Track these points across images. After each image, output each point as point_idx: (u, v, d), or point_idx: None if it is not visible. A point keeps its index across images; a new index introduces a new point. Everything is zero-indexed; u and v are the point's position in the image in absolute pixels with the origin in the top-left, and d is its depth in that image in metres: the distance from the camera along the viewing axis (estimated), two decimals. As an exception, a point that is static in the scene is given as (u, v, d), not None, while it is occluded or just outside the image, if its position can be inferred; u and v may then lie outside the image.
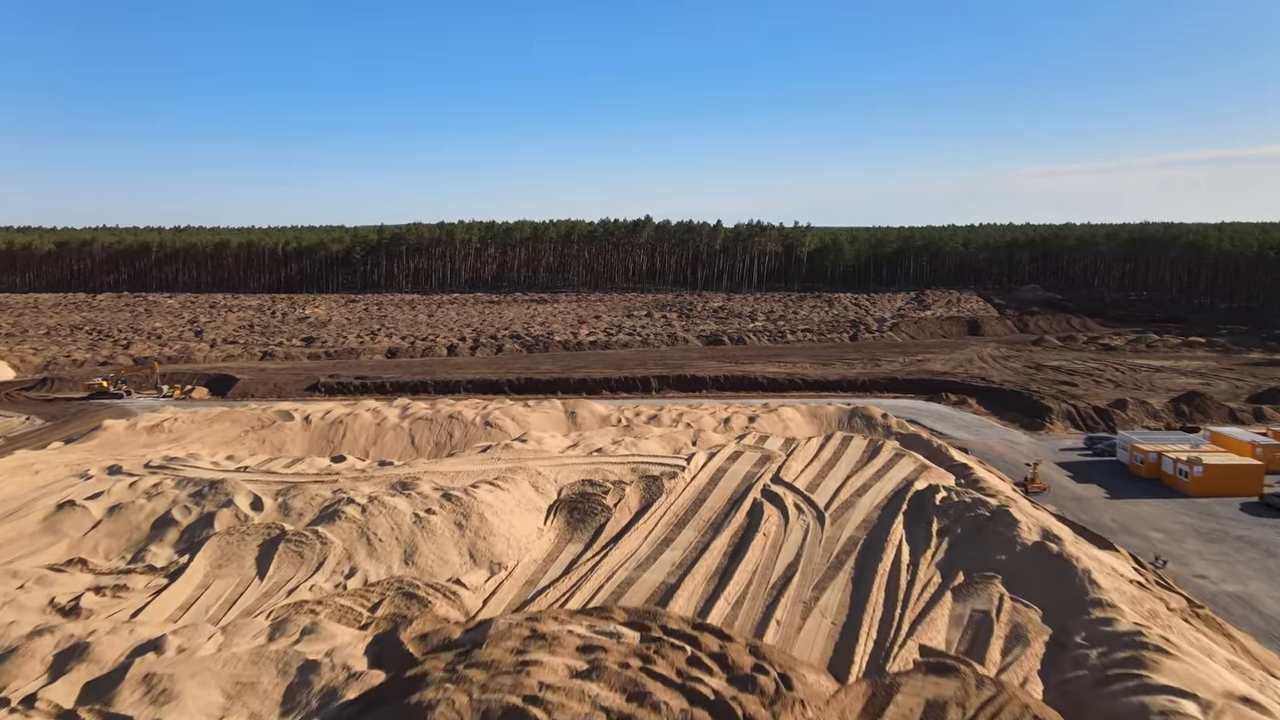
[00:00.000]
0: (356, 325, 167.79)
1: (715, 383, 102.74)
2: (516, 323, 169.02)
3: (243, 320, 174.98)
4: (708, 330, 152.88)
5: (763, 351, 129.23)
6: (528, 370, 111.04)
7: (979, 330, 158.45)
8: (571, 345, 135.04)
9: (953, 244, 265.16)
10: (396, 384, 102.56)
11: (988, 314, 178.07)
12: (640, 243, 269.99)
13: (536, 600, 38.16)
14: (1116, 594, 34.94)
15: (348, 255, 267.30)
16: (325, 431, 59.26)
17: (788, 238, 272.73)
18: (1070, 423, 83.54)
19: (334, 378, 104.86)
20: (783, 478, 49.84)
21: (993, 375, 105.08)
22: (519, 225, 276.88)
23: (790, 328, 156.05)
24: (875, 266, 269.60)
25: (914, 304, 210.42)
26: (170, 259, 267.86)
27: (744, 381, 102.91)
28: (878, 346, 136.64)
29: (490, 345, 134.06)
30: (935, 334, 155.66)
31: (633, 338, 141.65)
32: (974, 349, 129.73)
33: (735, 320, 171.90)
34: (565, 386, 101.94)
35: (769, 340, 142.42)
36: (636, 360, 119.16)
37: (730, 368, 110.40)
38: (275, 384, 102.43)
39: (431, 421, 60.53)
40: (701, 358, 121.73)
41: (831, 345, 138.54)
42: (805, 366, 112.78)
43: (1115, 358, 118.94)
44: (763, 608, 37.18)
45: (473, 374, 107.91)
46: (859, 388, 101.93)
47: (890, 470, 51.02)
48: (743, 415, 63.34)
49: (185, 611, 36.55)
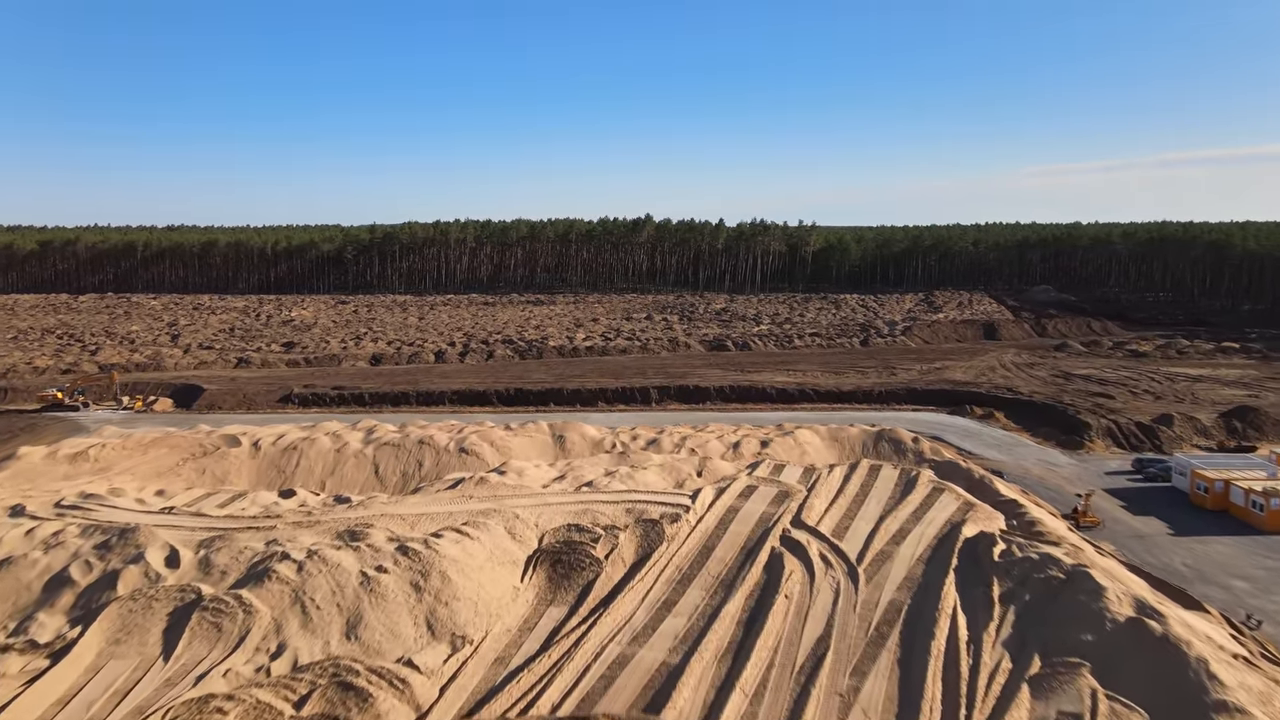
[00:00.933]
0: (343, 329, 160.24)
1: (720, 394, 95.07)
2: (510, 326, 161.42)
3: (224, 323, 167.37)
4: (711, 335, 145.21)
5: (770, 358, 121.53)
6: (519, 379, 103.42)
7: (995, 334, 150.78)
8: (567, 351, 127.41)
9: (961, 244, 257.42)
10: (376, 395, 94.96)
11: (1002, 317, 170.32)
12: (640, 242, 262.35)
13: (506, 689, 30.58)
14: (1242, 691, 27.33)
15: (339, 255, 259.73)
16: (276, 460, 51.55)
17: (792, 237, 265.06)
18: (1112, 440, 75.86)
19: (309, 388, 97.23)
20: (805, 520, 42.20)
21: (1019, 385, 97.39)
22: (515, 224, 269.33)
23: (798, 332, 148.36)
24: (881, 267, 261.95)
25: (924, 306, 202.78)
26: (157, 259, 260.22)
27: (751, 393, 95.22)
28: (891, 352, 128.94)
29: (480, 351, 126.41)
30: (950, 338, 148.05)
31: (632, 343, 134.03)
32: (993, 355, 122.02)
33: (739, 324, 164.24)
34: (558, 398, 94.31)
35: (776, 346, 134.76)
36: (635, 368, 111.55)
37: (736, 377, 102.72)
38: (245, 395, 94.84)
39: (399, 448, 52.87)
40: (705, 365, 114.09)
41: (842, 351, 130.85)
42: (816, 375, 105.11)
43: (1146, 365, 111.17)
44: (788, 702, 29.59)
45: (459, 383, 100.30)
46: (875, 399, 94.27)
47: (930, 510, 43.42)
48: (754, 439, 55.70)
49: (61, 708, 28.97)
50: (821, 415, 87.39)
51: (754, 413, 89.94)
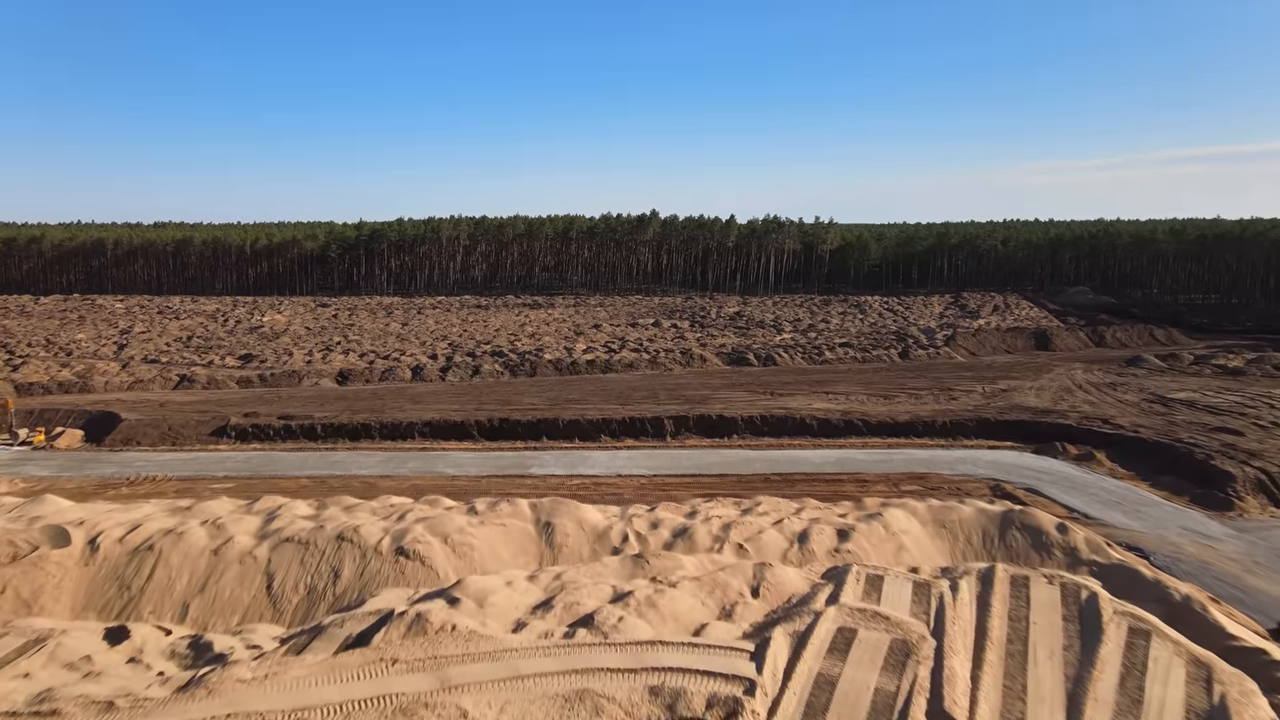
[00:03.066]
0: (315, 337, 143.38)
1: (750, 425, 78.10)
2: (502, 334, 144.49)
3: (185, 330, 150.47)
4: (729, 345, 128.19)
5: (801, 377, 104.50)
6: (506, 404, 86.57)
7: (1048, 344, 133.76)
8: (564, 366, 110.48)
9: (990, 241, 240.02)
10: (331, 426, 78.11)
11: (1051, 324, 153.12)
12: (645, 240, 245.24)
13: None
14: None
15: (324, 254, 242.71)
16: (120, 568, 34.61)
17: (807, 235, 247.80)
18: (1266, 497, 58.85)
19: (250, 417, 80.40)
20: (949, 711, 25.30)
21: (1112, 414, 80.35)
22: (512, 221, 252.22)
23: (826, 342, 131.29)
24: (904, 266, 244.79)
25: (955, 309, 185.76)
26: (129, 258, 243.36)
27: (787, 424, 78.28)
28: (938, 368, 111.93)
29: (465, 366, 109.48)
30: (998, 348, 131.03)
31: (639, 355, 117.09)
32: (1060, 372, 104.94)
33: (759, 331, 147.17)
34: (552, 430, 77.44)
35: (804, 358, 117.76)
36: (645, 389, 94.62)
37: (766, 402, 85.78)
38: (171, 427, 78.02)
39: (307, 548, 35.76)
40: (726, 385, 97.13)
41: (882, 366, 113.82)
42: (861, 399, 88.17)
43: (1254, 387, 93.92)
44: None
45: (434, 409, 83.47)
46: (938, 432, 77.34)
47: (1147, 681, 26.67)
48: (827, 527, 38.71)
49: None
50: (878, 456, 70.49)
51: (793, 450, 73.11)
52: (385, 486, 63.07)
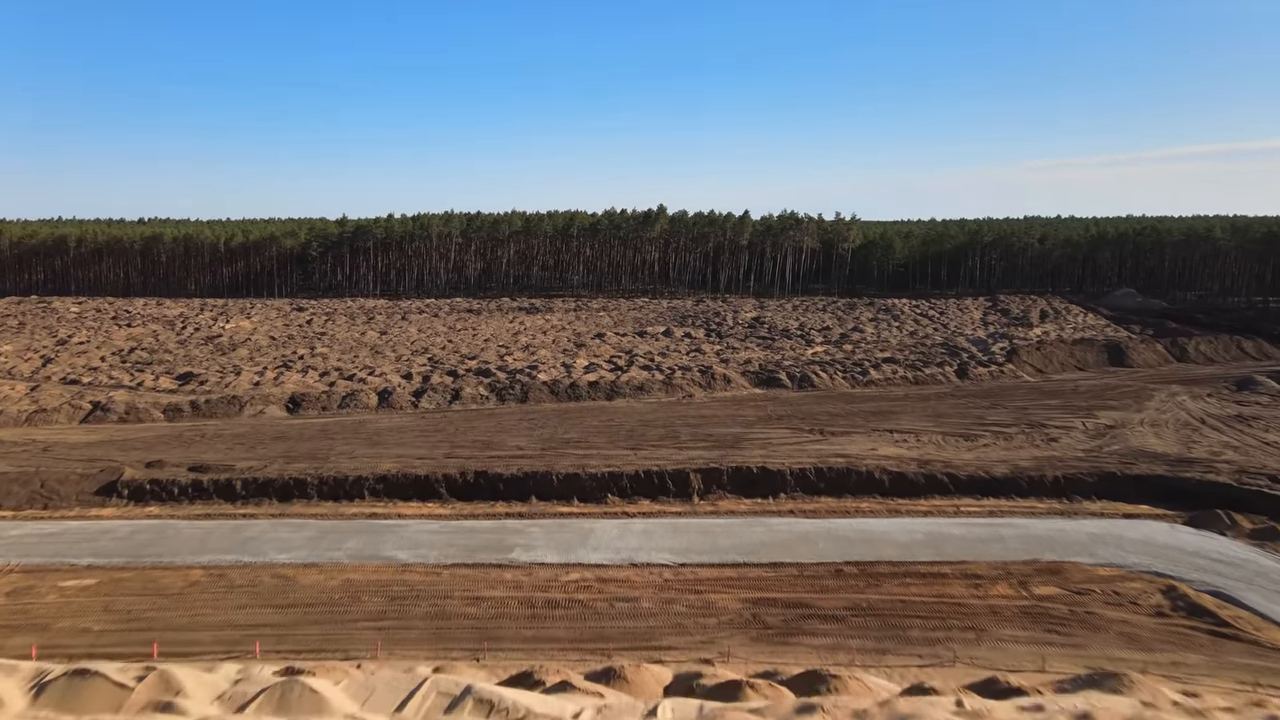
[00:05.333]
0: (279, 347, 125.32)
1: (801, 481, 59.88)
2: (492, 345, 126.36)
3: (131, 340, 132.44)
4: (754, 361, 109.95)
5: (849, 404, 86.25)
6: (487, 446, 68.49)
7: (1123, 359, 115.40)
8: (563, 389, 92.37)
9: (1026, 240, 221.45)
10: (254, 482, 59.96)
11: (1118, 334, 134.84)
12: (651, 237, 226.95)
13: None
14: None
15: (304, 252, 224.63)
16: None
17: (827, 232, 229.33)
18: None
19: (153, 468, 62.26)
20: None
21: (1269, 463, 62.09)
22: (508, 217, 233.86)
23: (867, 357, 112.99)
24: (931, 266, 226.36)
25: (997, 315, 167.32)
26: (95, 256, 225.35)
27: (849, 479, 60.08)
28: (1010, 392, 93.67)
29: (444, 389, 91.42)
30: (1067, 364, 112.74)
31: (651, 374, 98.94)
32: (1163, 399, 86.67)
33: (785, 342, 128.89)
34: (544, 488, 59.27)
35: (846, 379, 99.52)
36: (661, 422, 76.42)
37: (816, 445, 67.58)
38: (46, 482, 59.90)
39: None
40: (760, 417, 78.92)
41: (941, 390, 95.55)
42: (935, 440, 69.95)
43: None
44: None
45: (394, 455, 65.45)
46: (1048, 490, 59.07)
47: None
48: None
49: None
50: (981, 529, 52.20)
51: (863, 519, 54.93)
52: (308, 583, 45.12)
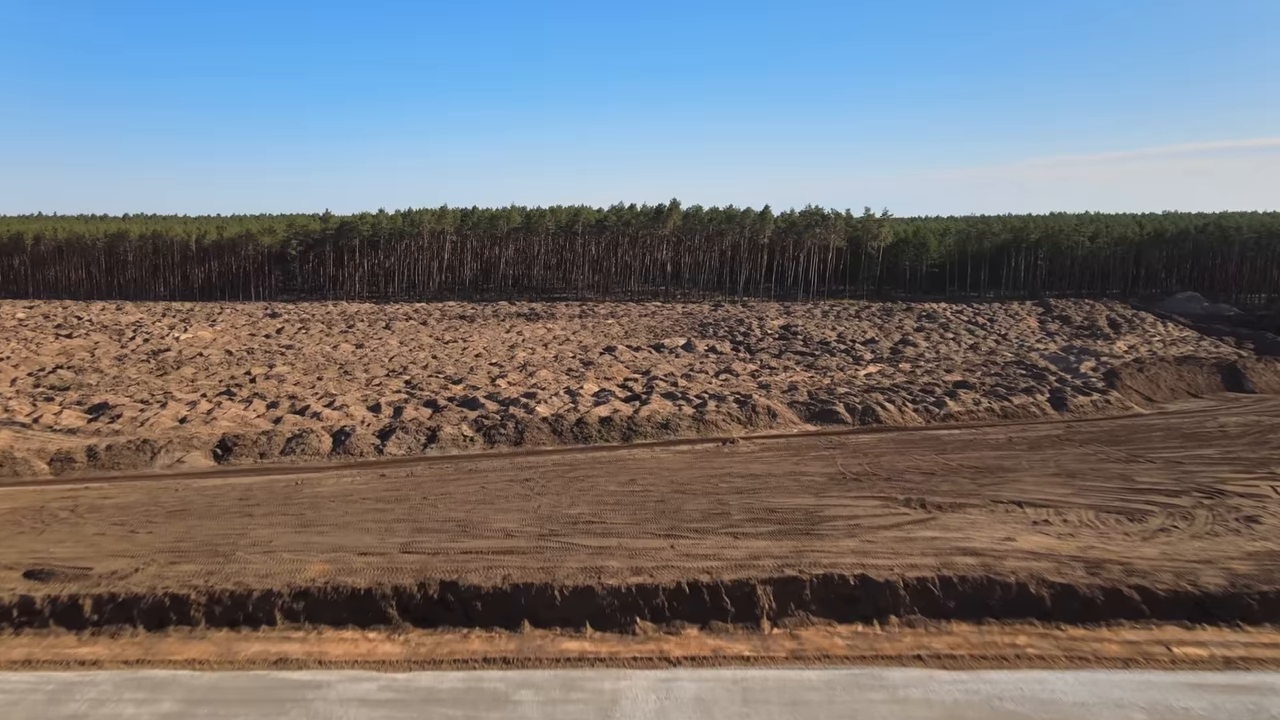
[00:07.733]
0: (233, 365, 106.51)
1: (920, 598, 40.46)
2: (484, 362, 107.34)
3: (61, 354, 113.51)
4: (800, 386, 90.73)
5: (937, 451, 66.88)
6: (462, 527, 49.22)
7: (1239, 382, 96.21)
8: (567, 427, 73.20)
9: (1075, 238, 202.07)
10: (113, 601, 40.56)
11: (1220, 350, 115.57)
12: (664, 235, 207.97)
13: None
14: None
15: (283, 251, 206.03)
16: None
17: (855, 229, 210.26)
18: None
19: (-24, 572, 43.09)
20: None
21: None
22: (506, 213, 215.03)
23: (936, 380, 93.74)
24: (970, 266, 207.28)
25: (1058, 323, 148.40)
26: (56, 255, 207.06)
27: (992, 594, 40.68)
28: (1134, 433, 74.33)
29: (417, 429, 72.31)
30: (1177, 389, 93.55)
31: (677, 406, 79.81)
32: (1339, 444, 67.32)
33: (828, 358, 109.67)
34: (541, 610, 39.80)
35: (916, 410, 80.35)
36: (700, 488, 57.02)
37: (919, 527, 48.21)
38: None
39: None
40: (830, 475, 59.59)
41: (1043, 427, 76.22)
42: (1081, 515, 50.55)
43: None
44: None
45: (330, 541, 46.31)
46: (1254, 614, 39.67)
47: None
48: None
49: None
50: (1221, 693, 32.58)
51: (1029, 670, 35.53)
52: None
